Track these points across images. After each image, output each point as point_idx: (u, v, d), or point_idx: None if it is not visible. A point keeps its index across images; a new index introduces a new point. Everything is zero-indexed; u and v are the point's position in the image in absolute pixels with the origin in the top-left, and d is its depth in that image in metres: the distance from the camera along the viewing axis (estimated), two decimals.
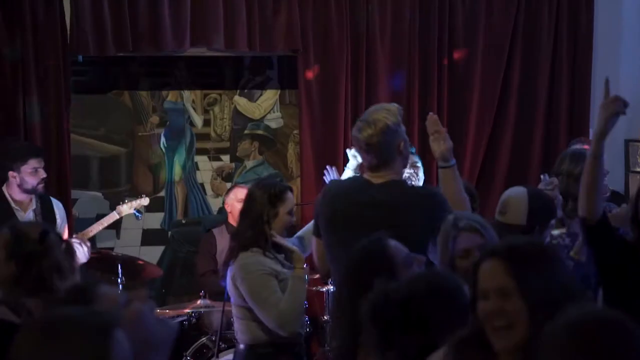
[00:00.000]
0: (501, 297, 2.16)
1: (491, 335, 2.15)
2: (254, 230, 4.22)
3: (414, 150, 5.36)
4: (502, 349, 2.15)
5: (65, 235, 5.73)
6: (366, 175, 3.94)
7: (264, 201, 4.22)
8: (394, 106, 3.94)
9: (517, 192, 3.92)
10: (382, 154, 3.81)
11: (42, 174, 5.71)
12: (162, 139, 7.37)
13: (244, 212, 4.33)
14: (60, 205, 5.95)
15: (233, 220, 6.32)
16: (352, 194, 3.88)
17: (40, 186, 5.71)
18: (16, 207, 5.67)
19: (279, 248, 4.29)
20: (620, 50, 7.07)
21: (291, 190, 4.39)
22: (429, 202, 3.76)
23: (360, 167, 4.58)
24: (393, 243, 3.01)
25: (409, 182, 5.03)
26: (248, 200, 4.32)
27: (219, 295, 5.71)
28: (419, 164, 5.43)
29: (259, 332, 4.25)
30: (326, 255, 3.98)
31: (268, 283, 4.17)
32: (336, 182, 4.28)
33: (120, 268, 5.83)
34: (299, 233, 4.66)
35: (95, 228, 6.02)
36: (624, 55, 7.07)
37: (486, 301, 2.17)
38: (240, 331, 4.37)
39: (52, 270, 3.14)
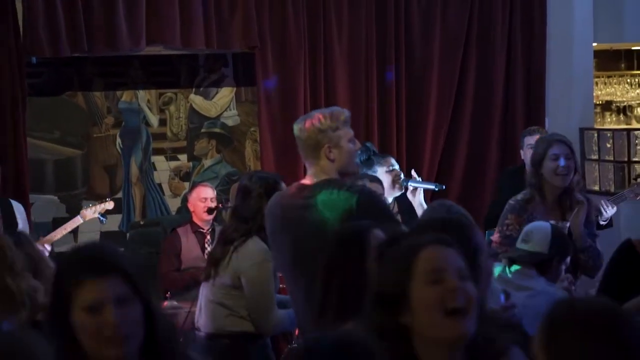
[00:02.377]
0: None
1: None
2: (252, 223, 4.12)
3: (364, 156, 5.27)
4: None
5: None
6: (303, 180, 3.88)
7: (261, 194, 4.12)
8: (336, 110, 3.85)
9: (542, 225, 3.99)
10: (305, 151, 3.80)
11: None
12: (118, 140, 7.28)
13: (238, 208, 4.23)
14: (22, 208, 5.82)
15: (197, 219, 6.27)
16: (287, 198, 3.82)
17: None
18: None
19: None
20: (572, 44, 7.18)
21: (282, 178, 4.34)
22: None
23: None
24: (375, 231, 2.98)
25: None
26: (242, 196, 4.21)
27: (181, 294, 5.68)
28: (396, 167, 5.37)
29: (235, 320, 4.19)
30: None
31: (272, 281, 4.14)
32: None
33: None
34: None
35: (59, 233, 5.92)
36: (576, 49, 7.18)
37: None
38: (212, 317, 4.25)
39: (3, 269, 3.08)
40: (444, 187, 5.67)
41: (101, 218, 6.19)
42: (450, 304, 2.06)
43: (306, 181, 3.79)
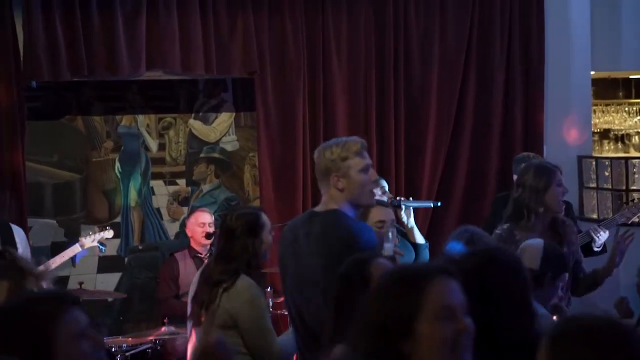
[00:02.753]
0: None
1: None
2: (239, 262, 4.06)
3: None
4: None
5: None
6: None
7: (244, 231, 4.07)
8: (351, 140, 3.84)
9: (534, 242, 3.99)
10: (318, 178, 3.83)
11: None
12: (117, 164, 7.29)
13: (223, 250, 4.11)
14: (22, 232, 5.80)
15: (195, 244, 6.27)
16: (297, 224, 3.86)
17: None
18: None
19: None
20: (570, 72, 7.21)
21: (262, 210, 4.32)
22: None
23: None
24: (379, 260, 3.01)
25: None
26: (226, 237, 4.11)
27: (180, 321, 5.66)
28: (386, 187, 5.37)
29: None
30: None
31: (267, 314, 4.11)
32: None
33: None
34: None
35: (57, 261, 5.90)
36: (574, 77, 7.21)
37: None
38: None
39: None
40: (439, 203, 5.68)
41: (100, 247, 6.19)
42: (460, 342, 2.09)
43: (318, 208, 3.81)
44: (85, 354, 2.07)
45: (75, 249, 6.02)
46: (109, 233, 6.20)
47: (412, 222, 5.02)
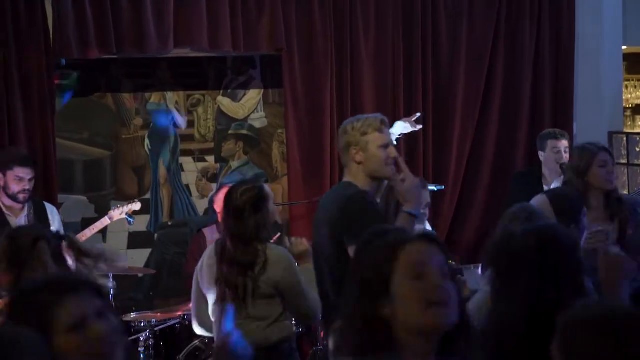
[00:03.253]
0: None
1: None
2: (256, 242, 4.11)
3: None
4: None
5: None
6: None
7: (251, 210, 4.10)
8: (373, 116, 4.01)
9: (537, 201, 3.96)
10: (341, 154, 4.04)
11: (27, 185, 5.61)
12: (147, 141, 7.33)
13: (235, 232, 4.13)
14: (55, 210, 5.89)
15: None
16: (329, 193, 4.13)
17: (22, 196, 5.60)
18: (8, 213, 5.62)
19: None
20: (601, 47, 7.13)
21: (266, 181, 4.39)
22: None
23: None
24: None
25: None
26: (235, 218, 4.13)
27: None
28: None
29: (276, 329, 4.17)
30: None
31: (302, 275, 4.17)
32: None
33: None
34: None
35: (87, 234, 5.96)
36: (605, 52, 7.13)
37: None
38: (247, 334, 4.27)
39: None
40: (443, 187, 5.72)
41: (129, 219, 6.24)
42: (432, 300, 2.09)
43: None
44: (80, 346, 1.99)
45: (104, 222, 6.08)
46: (136, 205, 6.25)
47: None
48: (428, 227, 4.51)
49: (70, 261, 3.95)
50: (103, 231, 7.04)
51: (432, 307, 2.08)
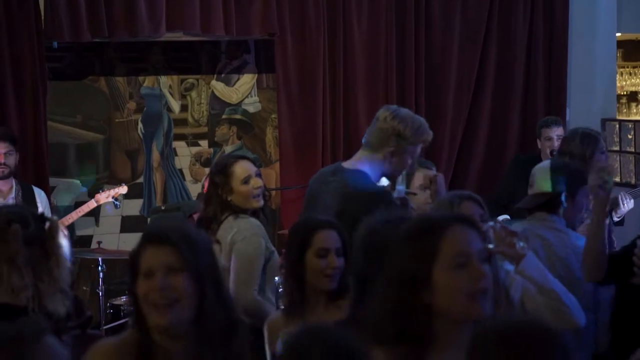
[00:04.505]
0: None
1: None
2: (220, 206, 4.07)
3: None
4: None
5: None
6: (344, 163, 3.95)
7: (215, 179, 4.09)
8: (426, 130, 3.99)
9: (541, 164, 3.95)
10: (371, 135, 3.80)
11: (1, 158, 5.58)
12: (140, 125, 7.33)
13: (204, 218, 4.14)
14: (43, 193, 5.89)
15: None
16: (324, 176, 3.92)
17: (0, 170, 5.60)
18: None
19: None
20: (595, 34, 7.10)
21: (249, 159, 4.23)
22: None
23: None
24: None
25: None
26: (204, 203, 4.18)
27: None
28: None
29: None
30: None
31: (260, 259, 4.02)
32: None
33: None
34: None
35: (73, 216, 5.99)
36: (598, 39, 7.10)
37: None
38: None
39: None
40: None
41: (115, 202, 6.25)
42: (475, 289, 2.09)
43: (345, 164, 3.86)
44: None
45: (90, 205, 6.11)
46: (123, 189, 6.26)
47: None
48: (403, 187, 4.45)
49: (63, 240, 3.87)
50: (95, 215, 7.07)
51: (476, 297, 2.08)
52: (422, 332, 2.10)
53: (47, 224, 3.18)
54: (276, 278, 3.88)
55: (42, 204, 5.83)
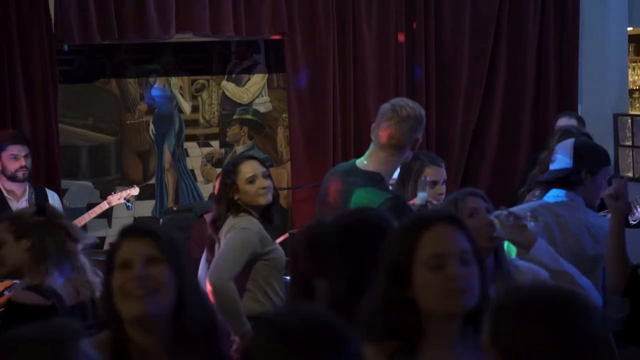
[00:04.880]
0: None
1: None
2: (227, 205, 4.14)
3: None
4: None
5: None
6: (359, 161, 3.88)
7: (224, 179, 4.17)
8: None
9: (564, 141, 3.89)
10: (391, 130, 3.72)
11: (23, 162, 5.60)
12: (151, 126, 7.35)
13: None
14: (56, 196, 5.90)
15: None
16: (339, 174, 3.88)
17: (21, 173, 5.61)
18: (9, 197, 5.64)
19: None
20: (606, 28, 7.07)
21: (257, 159, 4.25)
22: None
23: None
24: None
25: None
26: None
27: None
28: None
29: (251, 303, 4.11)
30: None
31: (243, 252, 4.03)
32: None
33: None
34: None
35: (85, 218, 6.00)
36: (611, 29, 7.07)
37: None
38: None
39: (63, 233, 3.24)
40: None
41: (127, 204, 6.26)
42: (451, 290, 2.11)
43: (361, 164, 3.78)
44: None
45: (103, 206, 6.11)
46: (135, 190, 6.27)
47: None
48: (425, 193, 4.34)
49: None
50: (108, 216, 7.08)
51: (450, 296, 2.10)
52: (410, 327, 2.12)
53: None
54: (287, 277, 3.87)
55: (54, 205, 5.84)
